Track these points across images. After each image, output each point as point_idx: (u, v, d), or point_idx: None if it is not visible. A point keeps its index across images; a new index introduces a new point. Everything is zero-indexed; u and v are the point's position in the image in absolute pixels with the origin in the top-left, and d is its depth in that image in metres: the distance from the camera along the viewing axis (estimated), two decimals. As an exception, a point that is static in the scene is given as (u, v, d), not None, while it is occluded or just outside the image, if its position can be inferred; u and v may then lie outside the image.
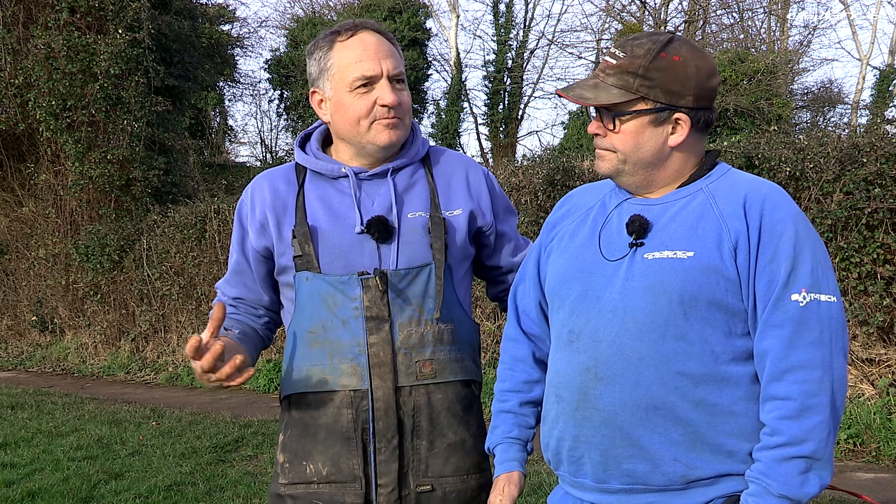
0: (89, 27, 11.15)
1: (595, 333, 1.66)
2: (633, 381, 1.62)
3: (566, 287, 1.74)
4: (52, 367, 11.73)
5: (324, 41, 1.95)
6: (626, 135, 1.66)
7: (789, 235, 1.59)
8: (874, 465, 5.33)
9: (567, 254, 1.78)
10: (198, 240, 10.22)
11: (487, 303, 7.69)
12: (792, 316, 1.57)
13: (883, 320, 5.72)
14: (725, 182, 1.69)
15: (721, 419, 1.61)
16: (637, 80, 1.63)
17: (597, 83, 1.67)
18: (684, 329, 1.60)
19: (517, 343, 1.93)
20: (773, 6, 21.70)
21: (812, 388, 1.55)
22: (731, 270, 1.60)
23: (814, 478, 1.55)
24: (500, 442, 1.87)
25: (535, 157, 10.13)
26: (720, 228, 1.62)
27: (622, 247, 1.69)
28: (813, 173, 5.84)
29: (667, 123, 1.66)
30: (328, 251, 1.92)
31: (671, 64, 1.63)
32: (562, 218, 1.88)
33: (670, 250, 1.63)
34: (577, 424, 1.68)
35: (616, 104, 1.65)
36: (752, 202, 1.63)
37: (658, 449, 1.61)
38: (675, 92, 1.63)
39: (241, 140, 24.25)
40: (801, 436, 1.54)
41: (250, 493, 5.04)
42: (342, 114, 1.93)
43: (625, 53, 1.66)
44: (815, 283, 1.58)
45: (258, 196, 2.01)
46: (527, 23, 23.69)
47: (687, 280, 1.60)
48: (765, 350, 1.59)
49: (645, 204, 1.72)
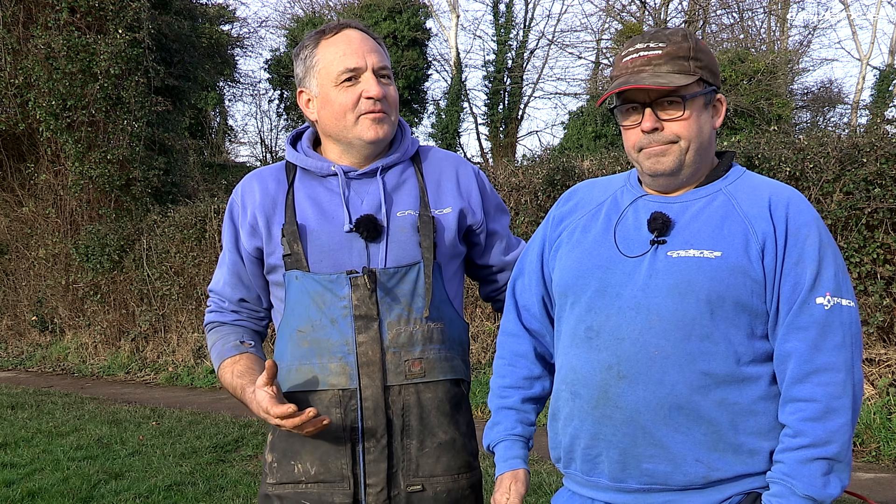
0: (89, 27, 11.15)
1: (617, 331, 1.65)
2: (657, 380, 1.61)
3: (581, 282, 1.72)
4: (52, 367, 11.73)
5: (309, 41, 1.96)
6: (691, 119, 1.66)
7: (814, 239, 1.61)
8: (874, 465, 5.33)
9: (580, 249, 1.75)
10: (198, 240, 10.22)
11: (487, 304, 7.69)
12: (817, 319, 1.58)
13: (883, 320, 5.72)
14: (745, 184, 1.70)
15: (742, 418, 1.61)
16: (691, 62, 1.65)
17: (653, 72, 1.65)
18: (710, 329, 1.60)
19: (518, 338, 1.90)
20: (773, 6, 21.69)
21: (836, 391, 1.56)
22: (757, 272, 1.60)
23: (835, 479, 1.56)
24: (502, 439, 1.85)
25: (535, 157, 10.12)
26: (746, 230, 1.62)
27: (642, 243, 1.68)
28: (813, 173, 5.83)
29: (711, 105, 1.70)
30: (317, 250, 1.91)
31: (705, 47, 1.70)
32: (569, 212, 1.85)
33: (697, 249, 1.62)
34: (595, 422, 1.66)
35: (684, 87, 1.65)
36: (777, 205, 1.64)
37: (681, 449, 1.61)
38: (716, 73, 1.70)
39: (241, 140, 24.29)
40: (825, 437, 1.55)
41: (250, 493, 5.04)
42: (328, 109, 1.92)
43: (664, 43, 1.67)
44: (837, 287, 1.60)
45: (248, 196, 2.01)
46: (527, 23, 23.70)
47: (715, 280, 1.60)
48: (788, 352, 1.59)
49: (663, 201, 1.71)
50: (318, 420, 1.79)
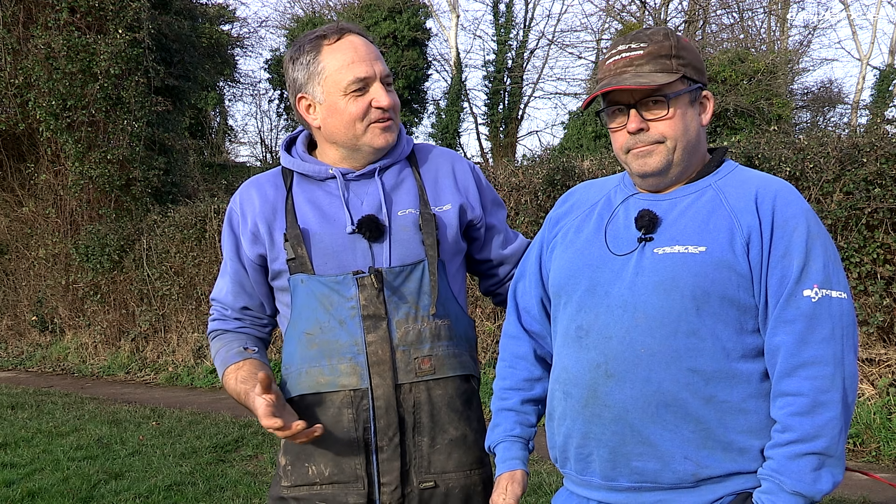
0: (89, 27, 11.15)
1: (605, 330, 1.65)
2: (644, 378, 1.61)
3: (572, 282, 1.73)
4: (52, 367, 11.73)
5: (309, 45, 1.94)
6: (677, 118, 1.66)
7: (801, 231, 1.59)
8: (874, 464, 5.33)
9: (572, 249, 1.76)
10: (198, 240, 10.22)
11: (488, 303, 7.69)
12: (804, 312, 1.57)
13: (883, 320, 5.72)
14: (734, 178, 1.69)
15: (731, 416, 1.60)
16: (673, 60, 1.65)
17: (635, 72, 1.65)
18: (696, 325, 1.59)
19: (518, 340, 1.92)
20: (773, 6, 21.69)
21: (824, 385, 1.54)
22: (743, 266, 1.59)
23: (826, 475, 1.54)
24: (501, 440, 1.86)
25: (535, 157, 10.11)
26: (732, 224, 1.61)
27: (630, 241, 1.68)
28: (813, 173, 5.83)
29: (697, 102, 1.69)
30: (321, 253, 1.92)
31: (689, 44, 1.69)
32: (565, 213, 1.87)
33: (682, 245, 1.62)
34: (585, 421, 1.67)
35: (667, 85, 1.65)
36: (764, 197, 1.62)
37: (669, 447, 1.61)
38: (700, 69, 1.69)
39: (241, 140, 24.29)
40: (813, 432, 1.53)
41: (250, 493, 5.04)
42: (337, 118, 1.93)
43: (646, 43, 1.66)
44: (826, 279, 1.58)
45: (247, 205, 2.01)
46: (527, 23, 23.70)
47: (699, 275, 1.59)
48: (776, 346, 1.59)
49: (653, 199, 1.71)
50: (310, 431, 1.80)
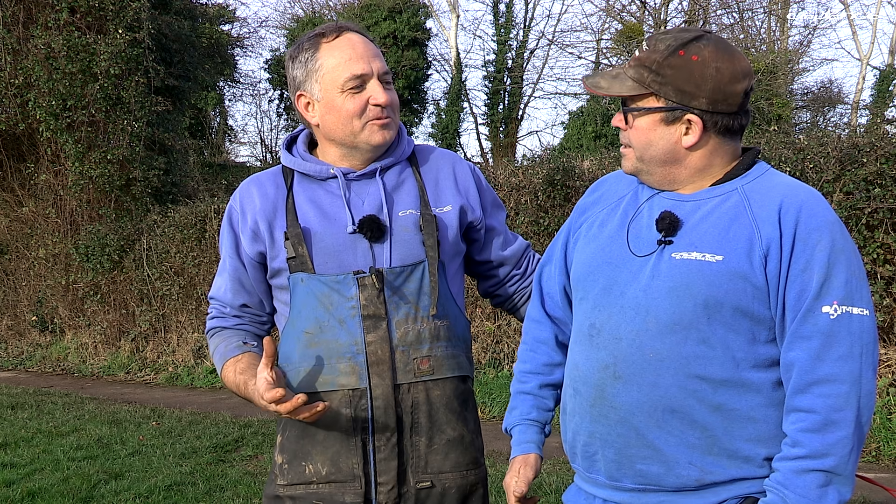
0: (89, 27, 11.14)
1: (616, 330, 1.64)
2: (651, 382, 1.60)
3: (591, 278, 1.72)
4: (52, 367, 11.72)
5: (308, 44, 1.95)
6: (639, 131, 1.64)
7: (824, 245, 1.55)
8: (874, 465, 5.32)
9: (594, 244, 1.75)
10: (198, 240, 10.22)
11: (487, 303, 7.68)
12: (821, 328, 1.53)
13: (883, 320, 5.72)
14: (762, 184, 1.64)
15: (739, 424, 1.59)
16: (650, 74, 1.60)
17: (618, 73, 1.66)
18: (707, 333, 1.58)
19: (540, 325, 1.91)
20: (773, 6, 21.69)
21: (838, 403, 1.52)
22: (759, 278, 1.56)
23: (833, 492, 1.52)
24: (517, 423, 1.86)
25: (535, 157, 10.12)
26: (752, 233, 1.58)
27: (650, 243, 1.66)
28: (813, 173, 5.83)
29: (678, 123, 1.61)
30: (321, 252, 1.92)
31: (687, 62, 1.58)
32: (593, 203, 1.85)
33: (699, 252, 1.59)
34: (592, 421, 1.67)
35: (631, 97, 1.63)
36: (788, 209, 1.58)
37: (673, 452, 1.60)
38: (686, 91, 1.58)
39: (241, 140, 24.29)
40: (822, 450, 1.52)
41: (250, 493, 5.04)
42: (334, 115, 1.93)
43: (648, 47, 1.63)
44: (848, 295, 1.54)
45: (248, 202, 2.01)
46: (527, 23, 23.71)
47: (713, 285, 1.57)
48: (791, 361, 1.56)
49: (677, 199, 1.68)
50: (312, 406, 1.79)
